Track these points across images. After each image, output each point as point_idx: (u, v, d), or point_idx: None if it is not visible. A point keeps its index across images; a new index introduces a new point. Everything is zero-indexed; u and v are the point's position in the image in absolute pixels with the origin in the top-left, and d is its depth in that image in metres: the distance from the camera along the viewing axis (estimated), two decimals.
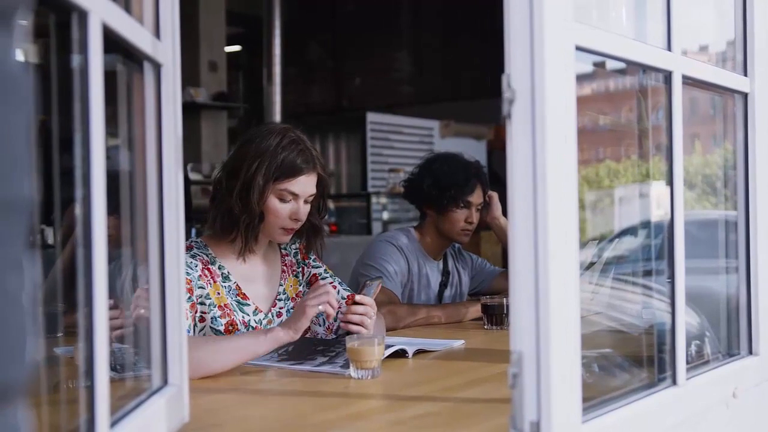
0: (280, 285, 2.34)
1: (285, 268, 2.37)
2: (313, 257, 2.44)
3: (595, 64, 1.50)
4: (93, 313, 1.00)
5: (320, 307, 1.98)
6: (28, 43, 0.58)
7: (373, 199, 7.41)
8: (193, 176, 6.78)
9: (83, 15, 0.99)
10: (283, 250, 2.40)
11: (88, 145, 1.00)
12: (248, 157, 2.17)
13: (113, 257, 1.09)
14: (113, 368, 1.19)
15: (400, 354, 2.11)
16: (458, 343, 2.35)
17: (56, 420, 1.14)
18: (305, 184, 2.22)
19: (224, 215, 2.20)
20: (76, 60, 1.01)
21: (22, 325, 0.55)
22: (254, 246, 2.25)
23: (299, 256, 2.42)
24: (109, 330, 1.03)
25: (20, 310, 0.55)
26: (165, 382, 1.36)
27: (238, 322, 2.18)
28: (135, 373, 1.43)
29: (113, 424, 1.08)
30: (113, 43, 1.11)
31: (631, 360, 1.70)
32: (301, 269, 2.41)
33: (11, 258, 0.54)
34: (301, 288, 2.38)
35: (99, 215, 1.01)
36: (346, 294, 2.38)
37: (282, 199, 2.19)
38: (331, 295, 2.00)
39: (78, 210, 1.02)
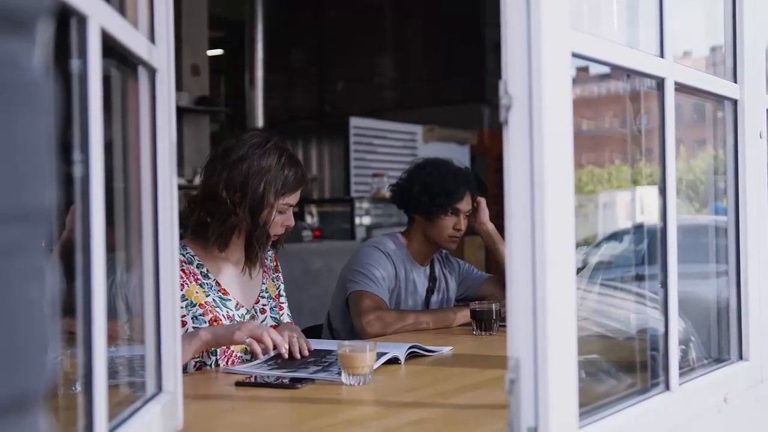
0: (263, 283, 2.43)
1: (266, 268, 2.46)
2: (278, 273, 2.53)
3: (579, 69, 1.50)
4: (91, 320, 0.99)
5: (247, 340, 2.03)
6: (47, 50, 0.58)
7: (357, 204, 7.39)
8: None
9: (82, 20, 0.98)
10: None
11: (87, 149, 0.99)
12: (251, 175, 2.23)
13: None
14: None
15: (391, 360, 2.10)
16: (447, 350, 2.35)
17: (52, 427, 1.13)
18: (299, 196, 2.34)
19: (229, 230, 2.25)
20: (74, 64, 1.00)
21: (44, 332, 0.55)
22: (262, 259, 2.36)
23: (273, 263, 2.52)
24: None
25: (42, 317, 0.54)
26: (159, 389, 1.35)
27: (221, 317, 2.24)
28: (120, 380, 1.42)
29: (110, 431, 1.07)
30: (109, 47, 1.10)
31: (623, 366, 1.70)
32: (276, 276, 2.51)
33: (33, 266, 0.53)
34: (277, 291, 2.48)
35: (97, 220, 1.00)
36: (286, 320, 2.46)
37: (280, 212, 2.29)
38: (266, 336, 2.05)
39: (75, 215, 1.01)
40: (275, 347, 2.07)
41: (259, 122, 8.17)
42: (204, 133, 7.81)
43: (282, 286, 2.51)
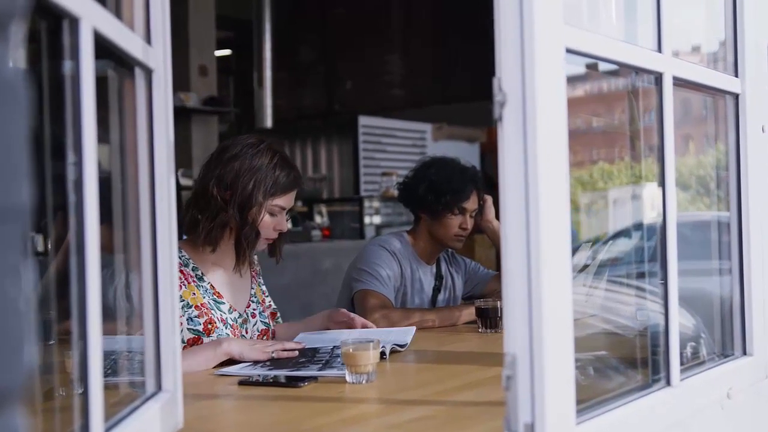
0: (252, 288, 2.46)
1: (254, 274, 2.50)
2: (260, 278, 2.56)
3: (588, 66, 1.50)
4: (86, 320, 1.00)
5: (274, 354, 2.13)
6: (22, 50, 0.58)
7: (366, 203, 7.39)
8: (184, 182, 6.75)
9: (74, 21, 0.99)
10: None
11: (80, 151, 1.00)
12: (242, 174, 2.25)
13: (105, 265, 1.09)
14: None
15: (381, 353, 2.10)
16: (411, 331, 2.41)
17: (50, 427, 1.14)
18: (292, 199, 2.36)
19: (219, 228, 2.27)
20: (67, 66, 1.01)
21: (20, 330, 0.55)
22: (250, 257, 2.37)
23: (258, 268, 2.55)
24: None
25: (18, 315, 0.55)
26: (159, 388, 1.36)
27: (216, 319, 2.27)
28: (120, 378, 1.42)
29: (108, 430, 1.08)
30: (104, 48, 1.11)
31: (626, 361, 1.70)
32: (261, 279, 2.54)
33: (9, 264, 0.54)
34: (263, 295, 2.52)
35: (91, 222, 1.01)
36: (262, 327, 2.46)
37: (272, 214, 2.31)
38: (288, 344, 2.20)
39: (71, 217, 1.02)
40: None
41: (268, 122, 8.18)
42: (212, 134, 7.82)
43: (264, 288, 2.54)
